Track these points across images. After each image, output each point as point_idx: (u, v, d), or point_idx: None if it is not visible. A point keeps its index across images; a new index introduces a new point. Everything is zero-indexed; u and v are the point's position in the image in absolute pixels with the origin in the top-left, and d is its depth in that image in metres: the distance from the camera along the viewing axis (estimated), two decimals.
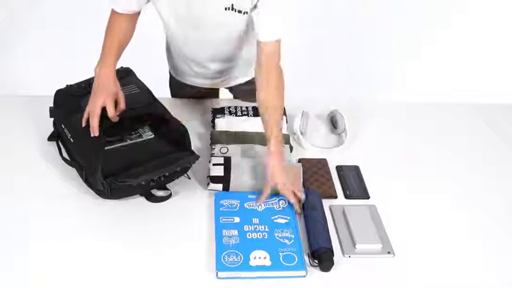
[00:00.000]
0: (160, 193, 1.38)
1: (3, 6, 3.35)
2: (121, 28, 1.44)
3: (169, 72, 1.84)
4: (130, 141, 1.44)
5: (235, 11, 1.38)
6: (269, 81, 1.41)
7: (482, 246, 1.30)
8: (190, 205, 1.37)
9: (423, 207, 1.40)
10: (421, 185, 1.48)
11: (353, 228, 1.29)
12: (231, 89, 1.82)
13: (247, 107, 1.67)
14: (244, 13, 1.38)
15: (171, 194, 1.37)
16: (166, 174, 1.36)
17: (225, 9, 1.38)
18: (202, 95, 1.80)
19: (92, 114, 1.30)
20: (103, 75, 1.36)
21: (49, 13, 3.22)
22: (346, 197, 1.42)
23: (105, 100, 1.31)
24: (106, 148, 1.37)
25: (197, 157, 1.38)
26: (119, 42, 1.42)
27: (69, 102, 1.44)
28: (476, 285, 1.20)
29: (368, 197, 1.42)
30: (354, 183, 1.46)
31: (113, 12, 1.44)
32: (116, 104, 1.35)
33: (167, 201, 1.36)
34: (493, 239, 1.32)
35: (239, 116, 1.64)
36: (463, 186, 1.48)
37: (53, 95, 1.49)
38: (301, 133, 1.61)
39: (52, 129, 1.52)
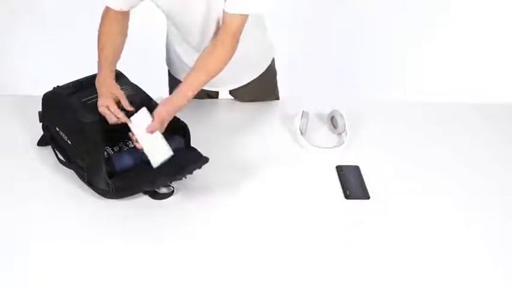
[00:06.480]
0: (163, 190, 1.38)
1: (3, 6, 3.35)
2: (114, 34, 1.44)
3: (168, 73, 1.84)
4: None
5: None
6: (211, 47, 1.43)
7: (482, 246, 1.29)
8: (190, 202, 1.37)
9: (423, 207, 1.40)
10: (421, 185, 1.48)
11: None
12: (229, 90, 1.82)
13: None
14: None
15: (173, 190, 1.38)
16: (182, 178, 1.36)
17: None
18: (201, 95, 1.80)
19: (104, 114, 1.33)
20: (101, 81, 1.38)
21: (44, 13, 3.22)
22: (346, 197, 1.42)
23: (106, 101, 1.33)
24: (114, 153, 1.38)
25: (206, 160, 1.37)
26: (114, 51, 1.43)
27: (60, 102, 1.44)
28: (476, 285, 1.20)
29: (368, 197, 1.42)
30: (354, 183, 1.46)
31: (106, 16, 1.44)
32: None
33: (167, 199, 1.37)
34: (493, 239, 1.32)
35: None
36: (463, 186, 1.48)
37: (41, 99, 1.49)
38: (301, 133, 1.61)
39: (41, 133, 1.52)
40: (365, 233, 1.32)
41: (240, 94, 1.80)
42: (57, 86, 1.47)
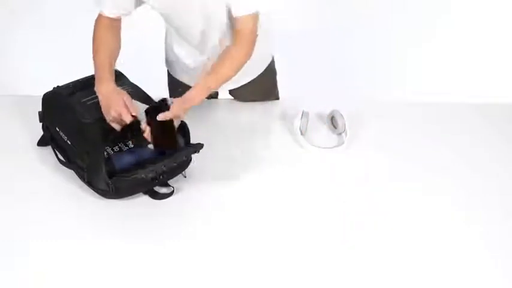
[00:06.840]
0: (163, 190, 1.38)
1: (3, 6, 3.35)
2: (109, 39, 1.44)
3: (168, 73, 1.84)
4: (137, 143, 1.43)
5: None
6: (226, 52, 1.45)
7: (482, 246, 1.29)
8: (190, 202, 1.37)
9: (423, 207, 1.40)
10: (421, 185, 1.48)
11: None
12: (229, 90, 1.82)
13: None
14: None
15: (173, 190, 1.38)
16: (175, 164, 1.36)
17: None
18: None
19: (115, 122, 1.33)
20: (106, 91, 1.36)
21: (44, 13, 3.22)
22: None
23: (118, 110, 1.32)
24: (114, 153, 1.38)
25: (202, 145, 1.38)
26: (110, 55, 1.43)
27: (60, 102, 1.44)
28: (476, 285, 1.20)
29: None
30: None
31: (100, 22, 1.45)
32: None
33: (167, 199, 1.37)
34: (493, 239, 1.32)
35: None
36: (463, 186, 1.48)
37: (41, 99, 1.49)
38: (301, 133, 1.61)
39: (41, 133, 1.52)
40: (365, 233, 1.32)
41: (240, 94, 1.80)
42: (57, 86, 1.47)
